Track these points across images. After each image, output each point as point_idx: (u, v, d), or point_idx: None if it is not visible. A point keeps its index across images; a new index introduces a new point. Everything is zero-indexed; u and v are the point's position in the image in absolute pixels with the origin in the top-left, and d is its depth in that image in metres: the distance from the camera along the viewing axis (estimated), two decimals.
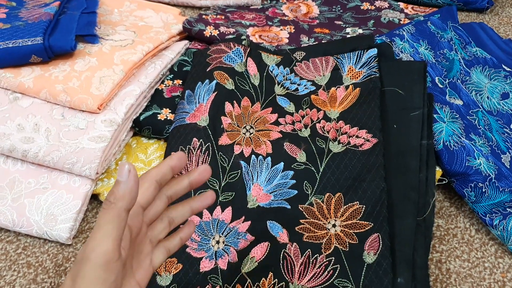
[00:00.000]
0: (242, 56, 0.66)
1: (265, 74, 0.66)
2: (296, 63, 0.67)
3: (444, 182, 0.59)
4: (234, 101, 0.62)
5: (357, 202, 0.52)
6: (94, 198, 0.60)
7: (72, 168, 0.56)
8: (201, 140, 0.58)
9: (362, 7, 0.88)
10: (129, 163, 0.31)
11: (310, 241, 0.51)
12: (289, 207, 0.53)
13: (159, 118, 0.64)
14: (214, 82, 0.63)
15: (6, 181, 0.58)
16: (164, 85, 0.69)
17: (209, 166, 0.40)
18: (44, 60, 0.63)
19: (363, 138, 0.58)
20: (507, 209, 0.54)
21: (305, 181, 0.55)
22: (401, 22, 0.83)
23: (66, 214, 0.55)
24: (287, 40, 0.77)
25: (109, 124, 0.59)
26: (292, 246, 0.50)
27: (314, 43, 0.76)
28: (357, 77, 0.63)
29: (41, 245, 0.56)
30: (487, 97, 0.67)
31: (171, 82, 0.70)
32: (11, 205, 0.56)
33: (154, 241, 0.38)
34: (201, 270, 0.50)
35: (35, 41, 0.61)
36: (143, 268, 0.36)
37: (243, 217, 0.53)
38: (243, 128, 0.61)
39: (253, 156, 0.58)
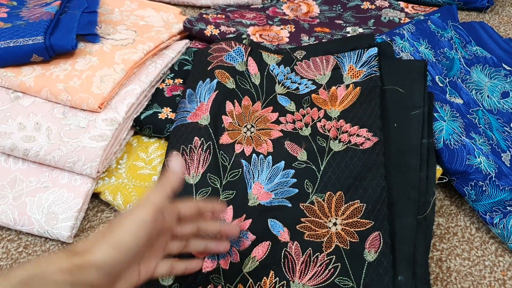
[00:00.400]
0: (243, 55, 0.66)
1: (265, 73, 0.66)
2: (297, 62, 0.67)
3: (444, 180, 0.59)
4: (235, 100, 0.63)
5: (358, 200, 0.53)
6: (95, 196, 0.60)
7: (73, 167, 0.56)
8: (202, 139, 0.58)
9: (362, 6, 0.88)
10: (179, 157, 0.43)
11: (311, 239, 0.51)
12: (290, 205, 0.53)
13: (159, 117, 0.64)
14: (215, 81, 0.63)
15: (7, 180, 0.58)
16: (165, 84, 0.69)
17: (238, 226, 0.50)
18: (45, 59, 0.63)
19: (364, 137, 0.58)
20: (507, 207, 0.54)
21: (306, 180, 0.55)
22: (402, 21, 0.83)
23: (67, 213, 0.55)
24: (287, 39, 0.77)
25: (110, 123, 0.59)
26: (293, 244, 0.51)
27: (314, 42, 0.76)
28: (358, 76, 0.63)
29: (42, 243, 0.56)
30: (487, 96, 0.67)
31: (172, 81, 0.70)
32: (12, 203, 0.56)
33: (166, 252, 0.43)
34: (203, 270, 0.50)
35: (36, 40, 0.61)
36: (148, 266, 0.40)
37: (244, 215, 0.53)
38: (244, 127, 0.61)
39: (254, 155, 0.58)
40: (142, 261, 0.40)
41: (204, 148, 0.57)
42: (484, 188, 0.55)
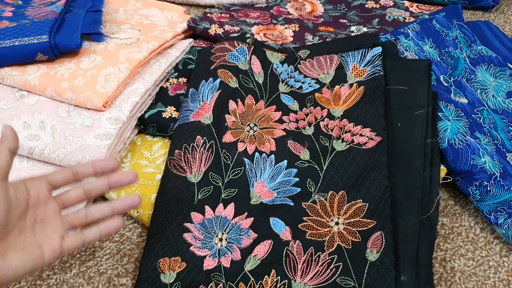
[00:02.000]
0: (246, 54, 0.67)
1: (269, 72, 0.66)
2: (301, 61, 0.67)
3: (448, 180, 0.58)
4: (238, 99, 0.63)
5: (360, 200, 0.52)
6: None
7: None
8: (204, 138, 0.58)
9: (367, 6, 0.88)
10: (8, 125, 0.41)
11: (313, 238, 0.51)
12: (292, 204, 0.53)
13: (163, 116, 0.64)
14: (218, 80, 0.63)
15: (12, 178, 0.58)
16: (169, 83, 0.70)
17: (136, 173, 0.45)
18: (50, 58, 0.64)
19: (367, 136, 0.58)
20: None
21: (309, 179, 0.55)
22: (406, 21, 0.83)
23: (71, 211, 0.55)
24: (291, 39, 0.77)
25: (114, 121, 0.59)
26: (295, 243, 0.51)
27: (318, 42, 0.76)
28: (361, 76, 0.63)
29: None
30: (492, 96, 0.67)
31: (176, 80, 0.70)
32: None
33: (67, 223, 0.43)
34: (204, 268, 0.50)
35: (41, 39, 0.62)
36: (49, 239, 0.41)
37: (246, 213, 0.53)
38: (247, 126, 0.61)
39: (256, 153, 0.58)
40: (37, 235, 0.40)
41: (207, 147, 0.58)
42: (488, 188, 0.55)
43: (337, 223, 0.52)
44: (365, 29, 0.80)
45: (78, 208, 0.47)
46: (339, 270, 0.48)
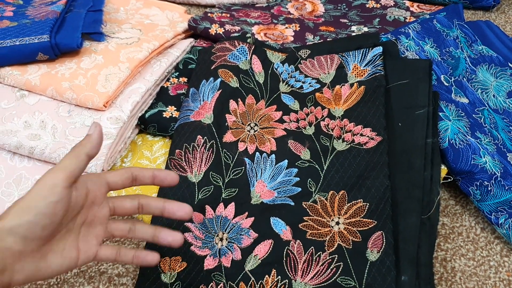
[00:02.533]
0: (247, 54, 0.67)
1: (270, 71, 0.66)
2: (301, 61, 0.67)
3: (449, 180, 0.58)
4: (239, 99, 0.63)
5: (361, 200, 0.52)
6: None
7: None
8: (205, 137, 0.58)
9: (367, 5, 0.88)
10: (97, 123, 0.40)
11: (313, 238, 0.51)
12: (292, 204, 0.53)
13: (164, 115, 0.64)
14: (219, 80, 0.63)
15: (13, 177, 0.58)
16: (170, 82, 0.70)
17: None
18: (51, 57, 0.64)
19: (368, 136, 0.58)
20: None
21: (309, 179, 0.55)
22: (407, 20, 0.83)
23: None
24: (292, 38, 0.77)
25: (115, 121, 0.59)
26: (295, 243, 0.51)
27: (319, 41, 0.76)
28: (362, 75, 0.63)
29: None
30: (493, 96, 0.67)
31: (177, 79, 0.70)
32: None
33: (109, 230, 0.43)
34: (205, 268, 0.50)
35: (42, 39, 0.62)
36: (88, 244, 0.41)
37: (246, 213, 0.53)
38: (248, 125, 0.61)
39: (257, 153, 0.58)
40: (79, 238, 0.40)
41: (207, 147, 0.58)
42: (489, 188, 0.55)
43: (337, 223, 0.52)
44: (365, 29, 0.79)
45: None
46: (340, 270, 0.48)
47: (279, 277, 0.49)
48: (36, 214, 0.35)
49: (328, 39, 0.76)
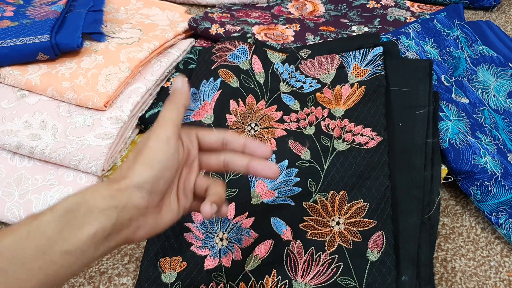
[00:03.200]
0: (247, 54, 0.67)
1: (270, 71, 0.66)
2: (302, 61, 0.67)
3: (449, 180, 0.58)
4: (239, 99, 0.63)
5: (361, 200, 0.52)
6: None
7: (79, 165, 0.56)
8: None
9: (368, 5, 0.88)
10: (182, 76, 0.41)
11: (313, 238, 0.51)
12: (293, 204, 0.53)
13: None
14: (219, 80, 0.63)
15: (13, 177, 0.58)
16: (170, 82, 0.70)
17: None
18: (51, 57, 0.64)
19: (368, 136, 0.57)
20: None
21: (309, 179, 0.55)
22: (407, 20, 0.83)
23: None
24: (292, 38, 0.77)
25: (115, 121, 0.59)
26: (295, 243, 0.51)
27: (319, 41, 0.76)
28: (363, 75, 0.63)
29: None
30: (494, 96, 0.67)
31: None
32: (18, 201, 0.57)
33: (199, 190, 0.42)
34: (205, 268, 0.50)
35: (42, 39, 0.62)
36: (185, 196, 0.41)
37: (247, 213, 0.53)
38: (248, 125, 0.61)
39: None
40: (179, 191, 0.40)
41: None
42: (489, 188, 0.55)
43: (338, 223, 0.52)
44: (366, 29, 0.79)
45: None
46: (340, 270, 0.48)
47: (279, 277, 0.49)
48: (160, 169, 0.35)
49: (328, 39, 0.76)
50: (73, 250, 0.31)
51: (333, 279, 0.48)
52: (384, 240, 0.49)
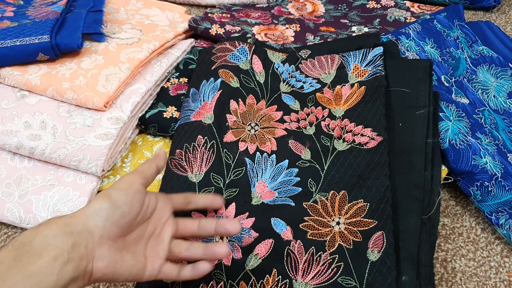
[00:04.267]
0: (247, 54, 0.67)
1: (270, 71, 0.66)
2: (302, 61, 0.67)
3: (450, 180, 0.58)
4: (239, 99, 0.63)
5: (362, 200, 0.52)
6: None
7: (79, 165, 0.56)
8: (205, 137, 0.58)
9: (368, 6, 0.88)
10: (162, 149, 0.48)
11: (314, 238, 0.51)
12: (293, 204, 0.53)
13: (164, 116, 0.64)
14: (219, 80, 0.63)
15: (13, 177, 0.58)
16: (170, 83, 0.70)
17: (239, 224, 0.46)
18: (51, 58, 0.64)
19: (368, 136, 0.57)
20: None
21: (310, 179, 0.55)
22: (407, 21, 0.83)
23: (73, 211, 0.55)
24: (292, 39, 0.77)
25: (115, 121, 0.59)
26: (296, 243, 0.51)
27: (319, 42, 0.76)
28: (363, 75, 0.63)
29: None
30: (494, 96, 0.67)
31: (177, 80, 0.70)
32: (18, 201, 0.57)
33: (172, 254, 0.45)
34: None
35: (42, 39, 0.62)
36: (154, 258, 0.43)
37: (247, 213, 0.53)
38: (248, 125, 0.61)
39: (257, 153, 0.58)
40: (147, 247, 0.43)
41: (208, 147, 0.58)
42: (490, 189, 0.55)
43: (338, 223, 0.52)
44: (366, 29, 0.79)
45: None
46: (340, 270, 0.48)
47: (280, 276, 0.49)
48: (116, 200, 0.39)
49: (328, 40, 0.76)
50: (36, 273, 0.32)
51: (334, 279, 0.48)
52: (385, 240, 0.49)
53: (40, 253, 0.33)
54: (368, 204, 0.52)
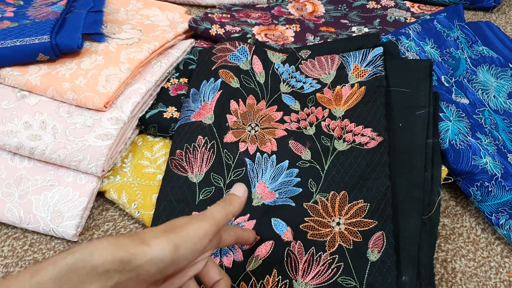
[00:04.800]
0: (247, 54, 0.67)
1: (270, 72, 0.66)
2: (302, 61, 0.67)
3: (450, 181, 0.58)
4: (240, 99, 0.63)
5: (362, 200, 0.52)
6: (100, 195, 0.60)
7: (79, 166, 0.56)
8: (206, 138, 0.58)
9: (368, 6, 0.88)
10: (245, 186, 0.43)
11: (314, 238, 0.51)
12: (293, 204, 0.53)
13: (164, 116, 0.64)
14: (219, 80, 0.63)
15: (13, 178, 0.58)
16: (170, 83, 0.70)
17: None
18: (51, 58, 0.64)
19: (368, 136, 0.57)
20: None
21: (310, 179, 0.55)
22: (407, 21, 0.83)
23: (73, 211, 0.56)
24: (292, 39, 0.77)
25: (115, 122, 0.59)
26: (296, 243, 0.51)
27: (319, 42, 0.76)
28: (363, 76, 0.63)
29: (47, 242, 0.57)
30: (494, 96, 0.67)
31: (177, 80, 0.70)
32: (18, 202, 0.57)
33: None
34: None
35: (42, 39, 0.62)
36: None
37: (248, 215, 0.53)
38: (248, 125, 0.61)
39: (258, 153, 0.58)
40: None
41: (208, 147, 0.58)
42: (490, 189, 0.55)
43: (338, 223, 0.52)
44: (366, 30, 0.79)
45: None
46: (340, 270, 0.48)
47: (280, 277, 0.49)
48: (182, 256, 0.34)
49: (328, 40, 0.76)
50: None
51: (334, 279, 0.48)
52: (385, 240, 0.49)
53: (82, 285, 0.30)
54: (368, 204, 0.52)
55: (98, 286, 0.30)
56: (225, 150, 0.58)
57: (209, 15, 0.80)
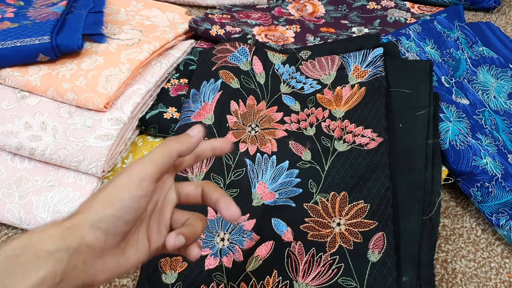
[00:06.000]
0: (248, 55, 0.67)
1: (270, 72, 0.66)
2: (302, 62, 0.67)
3: (450, 181, 0.58)
4: (240, 100, 0.63)
5: (362, 201, 0.52)
6: None
7: (79, 166, 0.56)
8: (206, 138, 0.58)
9: (368, 7, 0.88)
10: (202, 127, 0.37)
11: (314, 239, 0.51)
12: (294, 205, 0.53)
13: (165, 116, 0.64)
14: (220, 81, 0.63)
15: (14, 178, 0.58)
16: (170, 84, 0.70)
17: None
18: (52, 59, 0.64)
19: (369, 137, 0.57)
20: None
21: (310, 180, 0.55)
22: (408, 22, 0.83)
23: (72, 212, 0.55)
24: (293, 40, 0.77)
25: (116, 122, 0.59)
26: (296, 244, 0.51)
27: (320, 42, 0.76)
28: (363, 76, 0.63)
29: None
30: (494, 97, 0.67)
31: (177, 81, 0.70)
32: (18, 202, 0.57)
33: (174, 228, 0.37)
34: (206, 268, 0.50)
35: (43, 40, 0.62)
36: (158, 234, 0.36)
37: (248, 215, 0.53)
38: (249, 126, 0.61)
39: (258, 154, 0.58)
40: (150, 228, 0.36)
41: None
42: (490, 190, 0.55)
43: (338, 224, 0.52)
44: (366, 30, 0.80)
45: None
46: (341, 271, 0.48)
47: (280, 277, 0.49)
48: (120, 208, 0.31)
49: (328, 40, 0.76)
50: None
51: (334, 279, 0.48)
52: (385, 241, 0.49)
53: (27, 272, 0.28)
54: (369, 205, 0.52)
55: (46, 271, 0.28)
56: None
57: (209, 15, 0.81)
